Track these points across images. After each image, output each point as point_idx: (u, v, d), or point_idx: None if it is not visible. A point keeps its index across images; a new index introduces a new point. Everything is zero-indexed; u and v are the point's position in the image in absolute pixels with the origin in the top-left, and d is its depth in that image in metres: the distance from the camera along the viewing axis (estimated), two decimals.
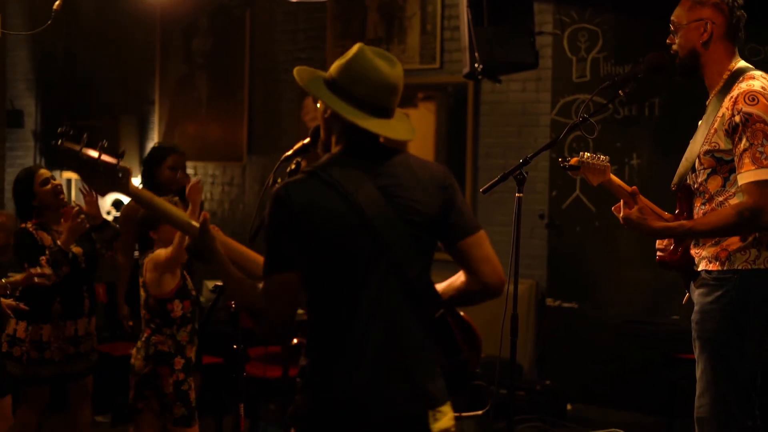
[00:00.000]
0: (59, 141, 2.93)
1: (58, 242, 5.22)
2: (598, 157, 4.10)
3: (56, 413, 6.12)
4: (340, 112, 2.82)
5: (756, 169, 3.64)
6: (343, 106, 2.83)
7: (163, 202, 3.14)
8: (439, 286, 3.01)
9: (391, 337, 2.77)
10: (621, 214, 3.97)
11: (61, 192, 5.56)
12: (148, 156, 6.33)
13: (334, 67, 2.89)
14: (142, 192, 3.13)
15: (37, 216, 5.45)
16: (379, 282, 2.77)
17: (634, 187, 3.98)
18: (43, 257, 5.09)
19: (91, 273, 5.59)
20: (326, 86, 2.89)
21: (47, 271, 4.92)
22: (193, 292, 5.23)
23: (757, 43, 6.55)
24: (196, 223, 3.08)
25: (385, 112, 2.87)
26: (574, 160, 4.11)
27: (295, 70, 2.94)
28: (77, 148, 2.93)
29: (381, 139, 2.91)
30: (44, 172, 5.52)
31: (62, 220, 5.26)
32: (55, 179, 5.55)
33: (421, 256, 2.85)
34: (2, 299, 4.92)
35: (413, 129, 3.02)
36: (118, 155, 3.02)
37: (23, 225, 5.42)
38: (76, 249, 5.37)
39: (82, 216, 5.25)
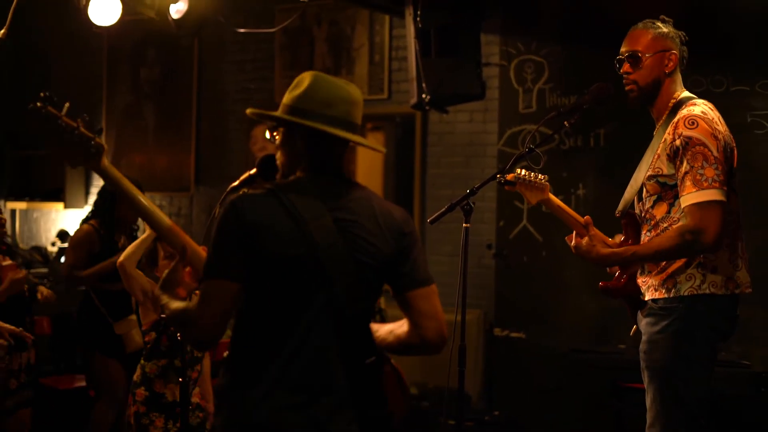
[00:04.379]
0: (41, 104, 2.91)
1: None
2: (536, 176, 4.16)
3: None
4: (319, 127, 2.77)
5: (697, 191, 3.69)
6: (317, 124, 2.79)
7: (131, 186, 3.16)
8: (381, 330, 2.95)
9: (311, 374, 2.72)
10: (572, 243, 4.02)
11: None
12: (102, 195, 6.20)
13: (291, 97, 2.85)
14: (113, 170, 3.14)
15: None
16: (314, 316, 2.72)
17: (587, 217, 4.03)
18: None
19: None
20: (290, 113, 2.84)
21: None
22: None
23: (700, 75, 6.64)
24: (165, 217, 3.14)
25: (355, 129, 2.86)
26: (510, 176, 4.18)
27: (248, 111, 2.91)
28: (59, 114, 2.94)
29: (344, 171, 2.89)
30: None
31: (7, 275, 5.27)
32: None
33: (364, 298, 2.81)
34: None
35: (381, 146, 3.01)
36: (96, 131, 3.04)
37: None
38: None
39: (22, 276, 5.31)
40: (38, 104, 2.91)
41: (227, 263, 2.70)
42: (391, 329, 2.94)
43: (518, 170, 4.17)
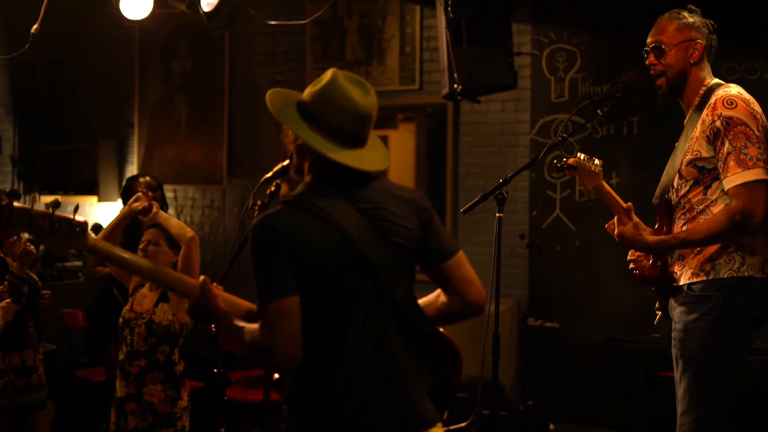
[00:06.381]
0: (5, 202, 2.87)
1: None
2: (593, 160, 4.11)
3: None
4: (311, 143, 2.78)
5: (742, 171, 3.66)
6: (314, 136, 2.79)
7: (123, 254, 3.07)
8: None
9: (380, 359, 2.76)
10: (616, 231, 3.98)
11: None
12: (122, 193, 6.61)
13: (308, 92, 2.86)
14: (102, 244, 3.08)
15: None
16: (367, 304, 2.76)
17: (629, 203, 3.99)
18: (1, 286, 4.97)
19: (33, 305, 5.40)
20: (299, 112, 2.85)
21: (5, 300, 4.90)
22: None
23: (734, 62, 6.59)
24: (166, 269, 3.08)
25: (357, 142, 2.85)
26: (571, 160, 4.11)
27: (268, 94, 2.90)
28: (28, 207, 2.86)
29: None
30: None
31: (15, 249, 5.14)
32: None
33: (405, 276, 2.85)
34: None
35: (388, 156, 2.99)
36: (73, 210, 2.97)
37: None
38: None
39: (30, 245, 5.09)
40: (2, 203, 2.83)
41: (278, 282, 2.69)
42: (427, 302, 2.98)
43: (579, 154, 4.11)
